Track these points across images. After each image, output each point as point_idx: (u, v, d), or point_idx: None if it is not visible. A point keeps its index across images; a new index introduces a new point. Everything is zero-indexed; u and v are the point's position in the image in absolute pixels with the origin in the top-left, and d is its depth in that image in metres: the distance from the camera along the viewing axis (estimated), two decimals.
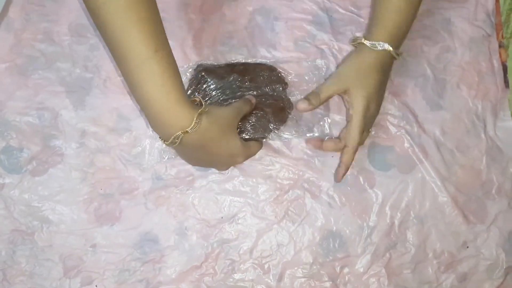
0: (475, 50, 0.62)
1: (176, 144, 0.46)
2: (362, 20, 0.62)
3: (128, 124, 0.60)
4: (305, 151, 0.59)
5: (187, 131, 0.44)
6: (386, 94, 0.60)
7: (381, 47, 0.52)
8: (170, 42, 0.49)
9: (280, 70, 0.59)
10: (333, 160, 0.59)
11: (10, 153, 0.59)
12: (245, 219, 0.58)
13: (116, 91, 0.60)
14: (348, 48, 0.62)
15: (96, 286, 0.56)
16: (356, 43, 0.56)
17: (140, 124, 0.59)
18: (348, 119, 0.55)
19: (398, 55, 0.53)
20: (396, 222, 0.58)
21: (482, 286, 0.57)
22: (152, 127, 0.46)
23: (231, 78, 0.57)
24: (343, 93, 0.55)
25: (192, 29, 0.62)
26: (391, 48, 0.52)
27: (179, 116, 0.44)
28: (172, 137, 0.45)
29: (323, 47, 0.61)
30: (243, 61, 0.60)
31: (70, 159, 0.59)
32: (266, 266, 0.57)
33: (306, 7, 0.63)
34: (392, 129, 0.60)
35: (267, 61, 0.60)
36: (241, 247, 0.57)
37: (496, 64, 0.62)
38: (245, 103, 0.54)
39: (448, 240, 0.57)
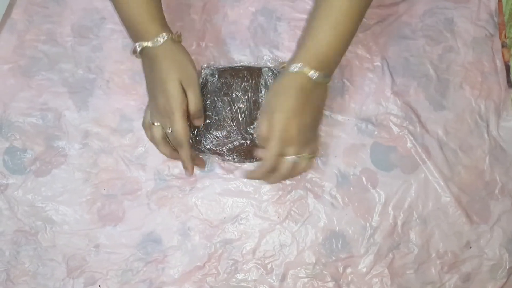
0: (478, 50, 0.62)
1: (137, 53, 0.53)
2: (365, 20, 0.62)
3: (131, 125, 0.60)
4: None
5: (148, 44, 0.51)
6: (388, 94, 0.60)
7: (296, 68, 0.49)
8: None
9: None
10: (335, 160, 0.59)
11: (14, 154, 0.59)
12: (248, 220, 0.58)
13: (119, 92, 0.61)
14: (350, 48, 0.61)
15: (99, 286, 0.56)
16: (280, 68, 0.56)
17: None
18: None
19: (320, 77, 0.49)
20: (399, 222, 0.58)
21: (485, 286, 0.57)
22: (129, 36, 0.56)
23: (234, 82, 0.57)
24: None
25: (194, 30, 0.62)
26: (307, 71, 0.49)
27: (146, 30, 0.52)
28: (136, 43, 0.52)
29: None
30: (247, 64, 0.60)
31: (73, 160, 0.59)
32: (269, 266, 0.57)
33: (308, 7, 0.63)
34: (395, 129, 0.60)
35: (271, 66, 0.59)
36: (244, 247, 0.57)
37: (499, 64, 0.61)
38: (195, 98, 0.53)
39: (451, 240, 0.57)
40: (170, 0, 0.63)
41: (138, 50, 0.52)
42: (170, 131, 0.52)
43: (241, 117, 0.56)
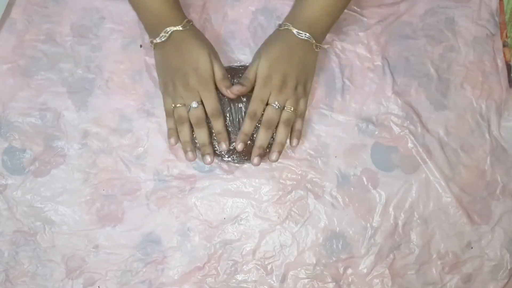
0: (479, 50, 0.62)
1: (162, 41, 0.54)
2: (365, 19, 0.62)
3: (130, 125, 0.59)
4: (308, 151, 0.59)
5: (178, 28, 0.54)
6: (389, 94, 0.60)
7: (284, 26, 0.55)
8: None
9: None
10: (336, 160, 0.59)
11: (13, 154, 0.59)
12: (248, 220, 0.58)
13: (118, 92, 0.60)
14: (351, 47, 0.61)
15: (98, 287, 0.56)
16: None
17: (142, 124, 0.59)
18: None
19: (307, 38, 0.54)
20: (400, 223, 0.57)
21: (486, 287, 0.57)
22: (146, 28, 0.57)
23: (234, 82, 0.57)
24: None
25: None
26: (292, 28, 0.54)
27: (172, 17, 0.55)
28: (163, 31, 0.54)
29: (326, 46, 0.61)
30: (247, 64, 0.60)
31: (73, 160, 0.59)
32: (269, 267, 0.57)
33: None
34: (396, 129, 0.59)
35: None
36: (244, 248, 0.57)
37: (500, 63, 0.61)
38: (220, 68, 0.55)
39: (452, 241, 0.57)
40: None
41: (165, 36, 0.54)
42: (197, 104, 0.54)
43: (241, 117, 0.56)
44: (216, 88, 0.55)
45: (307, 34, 0.54)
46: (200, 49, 0.54)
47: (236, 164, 0.58)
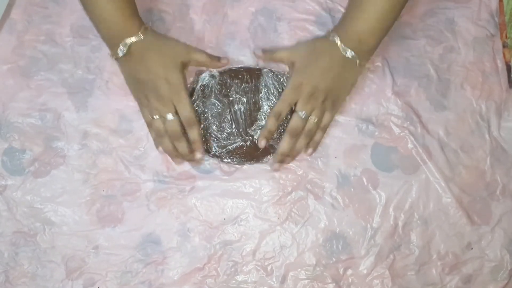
0: (479, 50, 0.62)
1: (123, 54, 0.51)
2: None
3: (130, 126, 0.59)
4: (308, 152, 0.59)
5: (138, 38, 0.51)
6: (389, 95, 0.60)
7: (331, 37, 0.53)
8: None
9: (285, 79, 0.58)
10: (336, 161, 0.59)
11: (13, 155, 0.59)
12: (248, 221, 0.58)
13: (118, 93, 0.60)
14: None
15: (98, 287, 0.56)
16: (328, 34, 0.55)
17: (142, 125, 0.59)
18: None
19: (353, 57, 0.52)
20: (400, 223, 0.57)
21: None
22: (104, 40, 0.53)
23: (234, 83, 0.57)
24: (290, 65, 0.56)
25: (194, 30, 0.62)
26: (339, 43, 0.52)
27: (128, 27, 0.51)
28: (120, 44, 0.51)
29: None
30: (247, 65, 0.60)
31: (72, 161, 0.59)
32: (269, 268, 0.57)
33: (309, 7, 0.63)
34: (396, 130, 0.59)
35: (272, 68, 0.59)
36: (244, 249, 0.57)
37: (500, 64, 0.61)
38: (201, 53, 0.55)
39: (452, 241, 0.57)
40: (170, 0, 0.63)
41: (124, 49, 0.51)
42: (173, 117, 0.53)
43: (241, 118, 0.56)
44: (190, 95, 0.55)
45: (353, 52, 0.52)
46: (166, 57, 0.52)
47: (236, 165, 0.58)
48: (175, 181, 0.58)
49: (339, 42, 0.52)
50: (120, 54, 0.52)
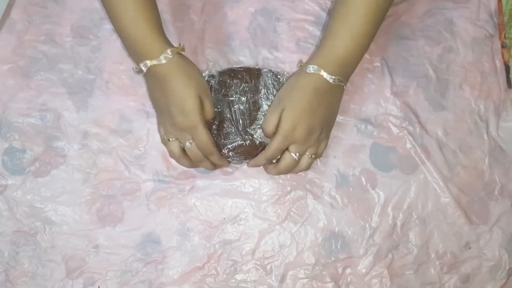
0: (478, 51, 0.62)
1: (143, 73, 0.50)
2: None
3: (130, 126, 0.60)
4: None
5: (159, 62, 0.49)
6: (388, 95, 0.60)
7: (313, 70, 0.49)
8: (172, 43, 0.49)
9: (284, 79, 0.58)
10: (335, 160, 0.59)
11: (13, 154, 0.59)
12: (247, 220, 0.58)
13: (118, 93, 0.60)
14: None
15: (98, 287, 0.56)
16: (299, 66, 0.53)
17: (142, 125, 0.59)
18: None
19: (336, 81, 0.50)
20: (399, 223, 0.58)
21: (484, 287, 0.57)
22: (128, 54, 0.54)
23: (233, 83, 0.57)
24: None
25: (194, 31, 0.62)
26: (324, 73, 0.49)
27: (150, 48, 0.49)
28: (141, 63, 0.50)
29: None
30: (247, 65, 0.60)
31: (73, 160, 0.59)
32: (268, 267, 0.57)
33: (308, 8, 0.63)
34: (394, 130, 0.60)
35: (271, 68, 0.59)
36: (243, 248, 0.57)
37: (499, 64, 0.61)
38: (211, 104, 0.52)
39: (450, 241, 0.57)
40: (170, 0, 0.63)
41: (144, 69, 0.50)
42: (190, 144, 0.51)
43: (241, 118, 0.56)
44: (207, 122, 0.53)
45: (339, 78, 0.49)
46: (186, 88, 0.49)
47: (236, 165, 0.59)
48: (175, 181, 0.58)
49: (324, 73, 0.49)
50: (141, 72, 0.51)
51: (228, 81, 0.57)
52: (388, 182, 0.58)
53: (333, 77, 0.49)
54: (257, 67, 0.59)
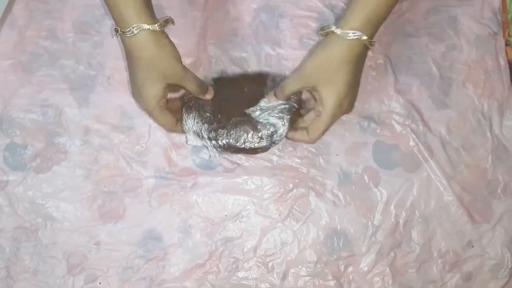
0: (481, 48, 0.62)
1: (130, 35, 0.46)
2: None
3: (132, 122, 0.59)
4: (309, 149, 0.59)
5: (121, 33, 0.46)
6: (391, 92, 0.60)
7: (354, 36, 0.45)
8: (174, 39, 0.49)
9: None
10: (338, 158, 0.59)
11: (14, 150, 0.59)
12: (249, 217, 0.58)
13: (120, 89, 0.60)
14: None
15: (100, 283, 0.56)
16: (325, 32, 0.48)
17: (144, 121, 0.59)
18: (316, 114, 0.51)
19: (371, 44, 0.47)
20: (401, 221, 0.57)
21: (487, 286, 0.57)
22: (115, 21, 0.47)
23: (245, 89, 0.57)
24: (311, 90, 0.50)
25: (196, 27, 0.62)
26: (365, 37, 0.45)
27: (121, 16, 0.46)
28: (132, 26, 0.45)
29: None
30: (256, 70, 0.60)
31: (74, 157, 0.59)
32: (270, 264, 0.57)
33: (311, 4, 0.63)
34: (398, 128, 0.59)
35: (284, 72, 0.60)
36: (245, 246, 0.57)
37: (503, 62, 0.61)
38: (194, 82, 0.51)
39: (453, 240, 0.57)
40: None
41: (116, 36, 0.47)
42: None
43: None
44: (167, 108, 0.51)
45: (365, 36, 0.45)
46: (147, 72, 0.47)
47: (247, 157, 0.58)
48: (176, 178, 0.58)
49: (366, 39, 0.45)
50: (127, 36, 0.46)
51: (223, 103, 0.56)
52: (391, 180, 0.58)
53: (372, 41, 0.46)
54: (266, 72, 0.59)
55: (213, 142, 0.55)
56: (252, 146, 0.55)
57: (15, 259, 0.57)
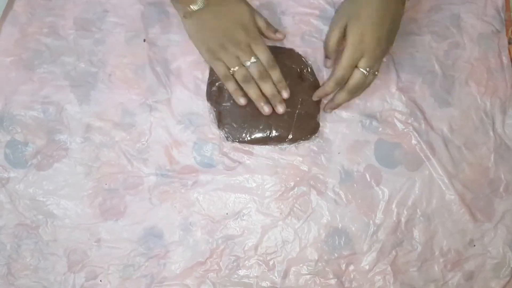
0: (484, 46, 0.61)
1: (202, 5, 0.51)
2: None
3: (133, 119, 0.59)
4: (311, 147, 0.59)
5: None
6: (393, 90, 0.60)
7: None
8: (177, 37, 0.49)
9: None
10: (339, 156, 0.59)
11: (15, 147, 0.59)
12: (250, 215, 0.58)
13: (121, 86, 0.60)
14: None
15: (100, 281, 0.56)
16: None
17: (145, 119, 0.59)
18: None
19: None
20: (403, 220, 0.57)
21: (488, 285, 0.57)
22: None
23: None
24: (345, 30, 0.52)
25: None
26: None
27: None
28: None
29: None
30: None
31: (75, 154, 0.58)
32: (271, 262, 0.57)
33: (313, 1, 0.62)
34: (400, 126, 0.59)
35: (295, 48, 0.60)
36: (246, 244, 0.57)
37: (506, 60, 0.61)
38: (262, 19, 0.55)
39: (455, 238, 0.57)
40: None
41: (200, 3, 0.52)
42: (252, 61, 0.53)
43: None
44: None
45: None
46: (242, 6, 0.53)
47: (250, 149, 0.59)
48: (177, 175, 0.58)
49: None
50: (197, 8, 0.52)
51: None
52: (393, 179, 0.58)
53: None
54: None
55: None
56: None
57: (16, 256, 0.56)
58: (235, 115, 0.57)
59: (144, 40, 0.61)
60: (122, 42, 0.61)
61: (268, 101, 0.55)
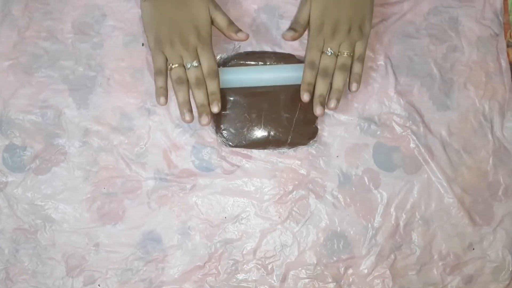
0: (483, 50, 0.61)
1: None
2: None
3: (131, 123, 0.59)
4: (309, 151, 0.59)
5: None
6: (392, 94, 0.60)
7: None
8: None
9: None
10: (338, 160, 0.59)
11: (13, 152, 0.59)
12: (249, 219, 0.58)
13: (120, 90, 0.60)
14: None
15: (99, 285, 0.56)
16: None
17: (143, 123, 0.59)
18: None
19: None
20: (401, 223, 0.57)
21: None
22: None
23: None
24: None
25: None
26: None
27: None
28: None
29: None
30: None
31: (73, 158, 0.58)
32: (269, 266, 0.57)
33: None
34: (398, 129, 0.59)
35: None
36: (245, 247, 0.57)
37: (504, 63, 0.61)
38: (223, 17, 0.53)
39: (453, 242, 0.57)
40: None
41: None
42: (194, 65, 0.51)
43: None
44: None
45: None
46: (199, 6, 0.51)
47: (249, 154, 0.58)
48: (176, 179, 0.58)
49: None
50: None
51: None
52: (391, 182, 0.58)
53: None
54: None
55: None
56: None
57: (14, 260, 0.56)
58: (233, 120, 0.57)
59: (142, 44, 0.61)
60: (120, 46, 0.61)
61: (191, 109, 0.52)
